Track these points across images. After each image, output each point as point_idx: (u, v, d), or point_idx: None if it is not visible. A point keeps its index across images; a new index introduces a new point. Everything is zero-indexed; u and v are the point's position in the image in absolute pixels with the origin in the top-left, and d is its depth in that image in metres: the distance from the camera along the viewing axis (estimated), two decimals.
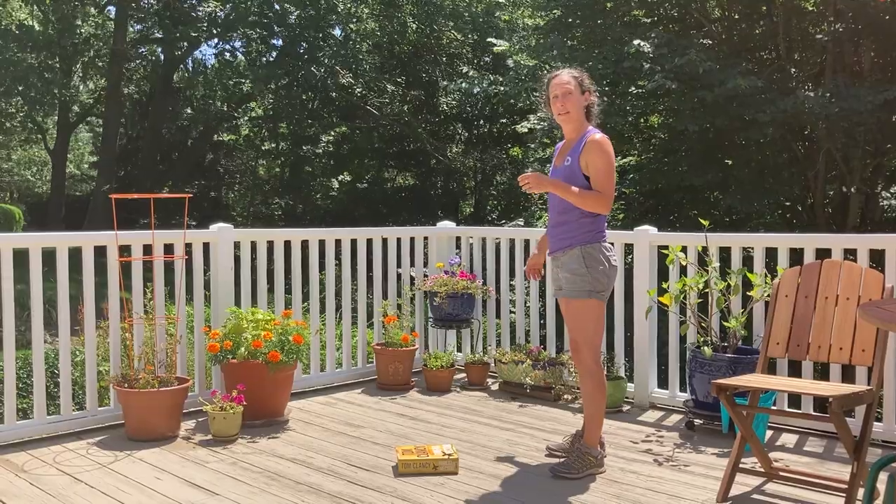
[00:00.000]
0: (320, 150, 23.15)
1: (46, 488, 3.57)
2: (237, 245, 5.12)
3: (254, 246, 5.23)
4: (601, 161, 3.75)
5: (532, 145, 16.53)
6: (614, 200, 4.02)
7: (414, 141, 21.55)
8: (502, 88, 12.85)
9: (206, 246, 4.98)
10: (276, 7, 22.29)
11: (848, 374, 4.25)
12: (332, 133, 22.73)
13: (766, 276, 4.50)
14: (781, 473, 3.63)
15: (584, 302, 3.80)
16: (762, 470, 3.66)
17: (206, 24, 23.36)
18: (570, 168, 3.81)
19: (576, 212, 3.79)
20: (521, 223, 13.15)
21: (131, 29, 25.13)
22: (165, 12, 22.84)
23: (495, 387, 5.63)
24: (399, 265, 6.00)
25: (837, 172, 11.15)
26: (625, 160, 13.09)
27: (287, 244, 5.39)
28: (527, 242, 5.77)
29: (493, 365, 5.77)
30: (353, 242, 5.72)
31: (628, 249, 5.32)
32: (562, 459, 3.87)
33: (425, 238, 6.18)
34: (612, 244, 3.98)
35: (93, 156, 32.84)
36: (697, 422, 4.55)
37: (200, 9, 23.36)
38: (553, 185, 3.77)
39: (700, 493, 3.55)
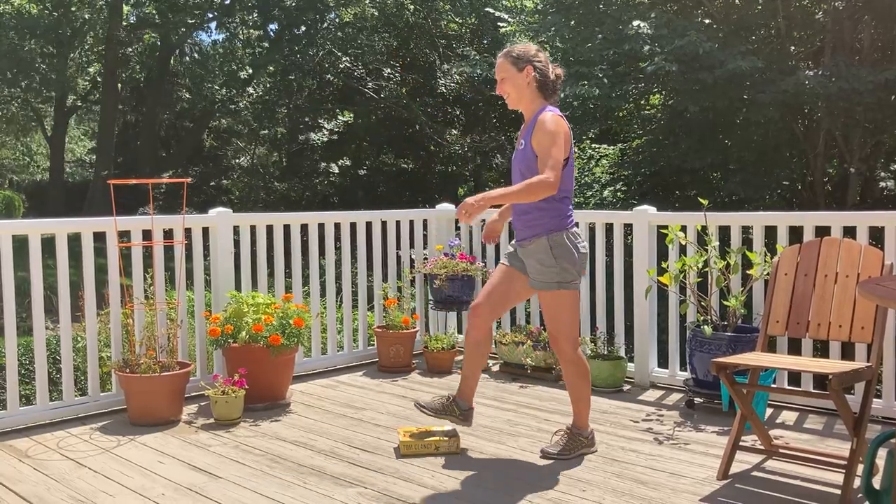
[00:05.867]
0: (320, 136, 23.09)
1: (50, 473, 3.59)
2: (237, 230, 5.12)
3: (253, 230, 5.23)
4: (546, 140, 3.53)
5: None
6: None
7: (412, 124, 21.50)
8: None
9: (205, 231, 4.99)
10: None
11: (847, 352, 4.26)
12: (335, 119, 22.65)
13: (765, 254, 4.50)
14: (781, 451, 3.65)
15: (555, 294, 3.68)
16: (762, 447, 3.68)
17: (202, 9, 23.24)
18: (523, 151, 3.66)
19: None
20: None
21: (130, 13, 25.00)
22: None
23: (496, 368, 5.64)
24: (399, 248, 6.01)
25: (837, 151, 11.14)
26: (625, 142, 13.07)
27: (286, 228, 5.39)
28: None
29: (493, 346, 5.78)
30: (353, 226, 5.72)
31: (628, 229, 5.32)
32: (553, 440, 3.88)
33: (424, 220, 6.18)
34: (577, 224, 3.78)
35: (91, 141, 32.78)
36: (698, 400, 4.57)
37: None
38: (489, 199, 3.44)
39: (700, 471, 3.57)
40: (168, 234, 4.80)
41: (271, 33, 23.96)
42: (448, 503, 3.25)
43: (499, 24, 13.17)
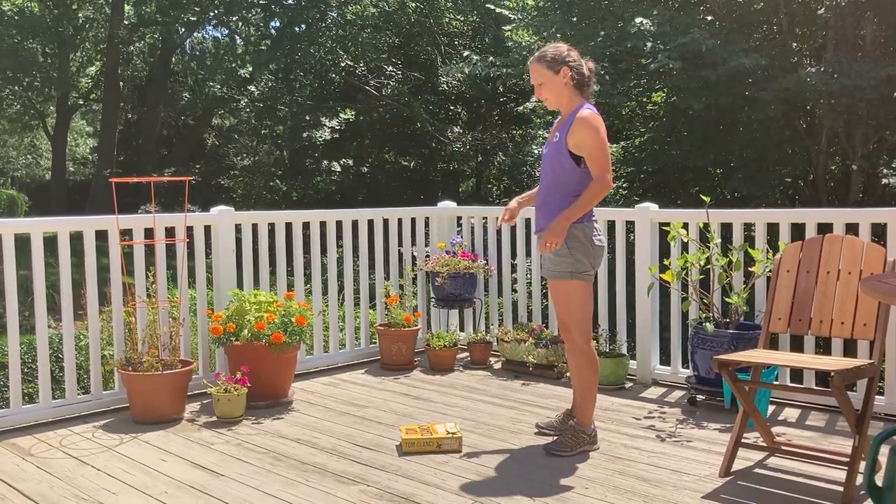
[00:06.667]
0: (322, 134, 23.08)
1: (53, 471, 3.60)
2: (238, 228, 5.12)
3: (255, 228, 5.23)
4: (591, 139, 3.66)
5: (531, 129, 16.46)
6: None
7: (414, 122, 21.50)
8: (505, 70, 12.80)
9: (207, 229, 4.99)
10: None
11: (850, 349, 4.26)
12: (338, 118, 22.64)
13: (767, 251, 4.49)
14: (784, 448, 3.65)
15: (568, 283, 3.75)
16: (764, 444, 3.68)
17: (203, 8, 23.23)
18: (556, 144, 3.75)
19: (559, 192, 3.73)
20: None
21: (130, 12, 25.00)
22: None
23: (498, 366, 5.64)
24: (401, 245, 6.01)
25: (840, 148, 11.12)
26: (628, 140, 13.04)
27: (288, 226, 5.39)
28: (528, 221, 5.76)
29: (495, 344, 5.79)
30: (354, 223, 5.72)
31: (630, 227, 5.32)
32: (555, 437, 3.89)
33: (426, 218, 6.18)
34: (596, 220, 3.85)
35: (92, 139, 32.78)
36: (700, 398, 4.57)
37: None
38: (563, 222, 3.65)
39: (703, 468, 3.57)
40: (170, 233, 4.81)
41: (273, 31, 23.96)
42: (450, 501, 3.25)
43: (503, 27, 13.17)
